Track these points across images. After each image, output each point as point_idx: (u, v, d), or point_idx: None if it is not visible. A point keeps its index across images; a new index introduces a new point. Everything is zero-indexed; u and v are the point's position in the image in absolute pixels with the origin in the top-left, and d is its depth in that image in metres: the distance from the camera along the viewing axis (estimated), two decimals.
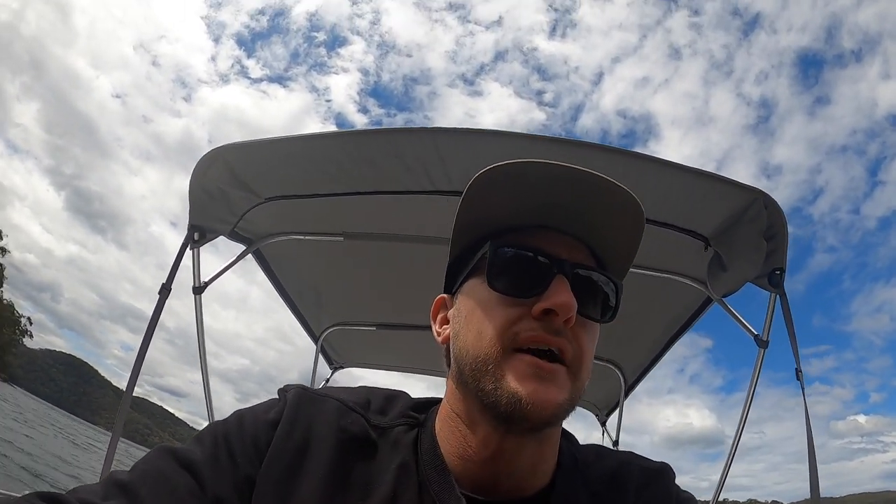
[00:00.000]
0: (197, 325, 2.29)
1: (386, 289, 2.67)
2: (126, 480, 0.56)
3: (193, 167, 1.90)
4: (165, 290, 1.97)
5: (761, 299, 1.90)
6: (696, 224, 1.82)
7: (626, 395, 3.23)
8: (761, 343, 1.99)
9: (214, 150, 1.85)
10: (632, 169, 1.67)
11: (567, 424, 0.65)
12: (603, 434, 3.69)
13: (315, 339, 3.26)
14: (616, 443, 3.46)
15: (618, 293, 0.63)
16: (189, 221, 2.01)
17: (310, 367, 3.45)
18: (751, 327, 2.03)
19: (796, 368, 1.83)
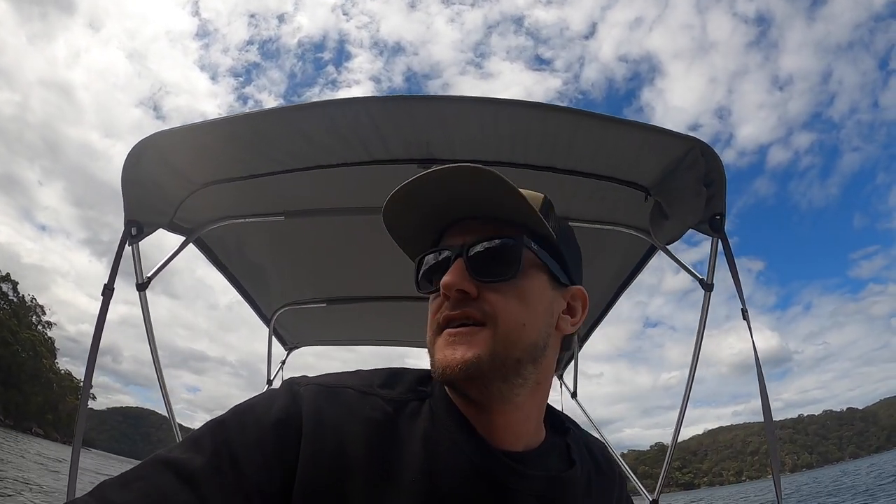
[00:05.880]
0: (145, 321, 2.22)
1: (332, 264, 2.65)
2: (120, 502, 0.50)
3: (124, 159, 1.78)
4: (108, 291, 1.90)
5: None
6: (636, 175, 1.83)
7: (580, 346, 3.26)
8: (706, 286, 2.02)
9: (143, 139, 1.76)
10: (567, 125, 1.68)
11: None
12: (561, 387, 3.65)
13: (267, 321, 3.24)
14: (574, 394, 3.47)
15: (516, 249, 0.68)
16: (125, 217, 1.92)
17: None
18: (695, 272, 2.05)
19: (742, 309, 1.85)
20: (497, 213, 0.69)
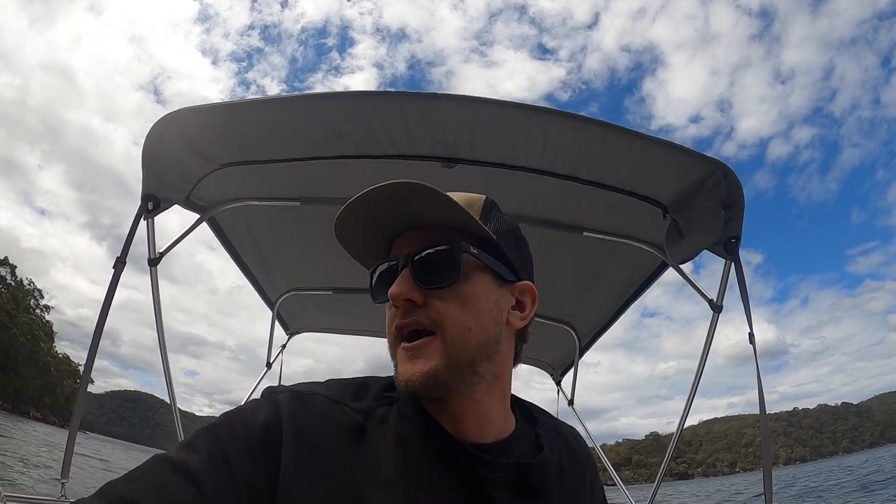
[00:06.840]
0: (153, 298, 2.22)
1: (342, 253, 2.33)
2: (128, 497, 0.55)
3: (147, 133, 1.77)
4: (120, 264, 1.91)
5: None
6: (656, 192, 1.83)
7: (581, 355, 3.23)
8: (715, 308, 2.02)
9: (169, 114, 1.73)
10: (596, 137, 1.67)
11: (525, 384, 0.81)
12: (558, 393, 3.63)
13: (271, 305, 3.22)
14: (571, 401, 3.45)
15: (454, 254, 0.70)
16: (143, 190, 1.90)
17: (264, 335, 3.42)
18: (705, 292, 2.05)
19: (749, 333, 1.84)
20: (438, 221, 0.72)
